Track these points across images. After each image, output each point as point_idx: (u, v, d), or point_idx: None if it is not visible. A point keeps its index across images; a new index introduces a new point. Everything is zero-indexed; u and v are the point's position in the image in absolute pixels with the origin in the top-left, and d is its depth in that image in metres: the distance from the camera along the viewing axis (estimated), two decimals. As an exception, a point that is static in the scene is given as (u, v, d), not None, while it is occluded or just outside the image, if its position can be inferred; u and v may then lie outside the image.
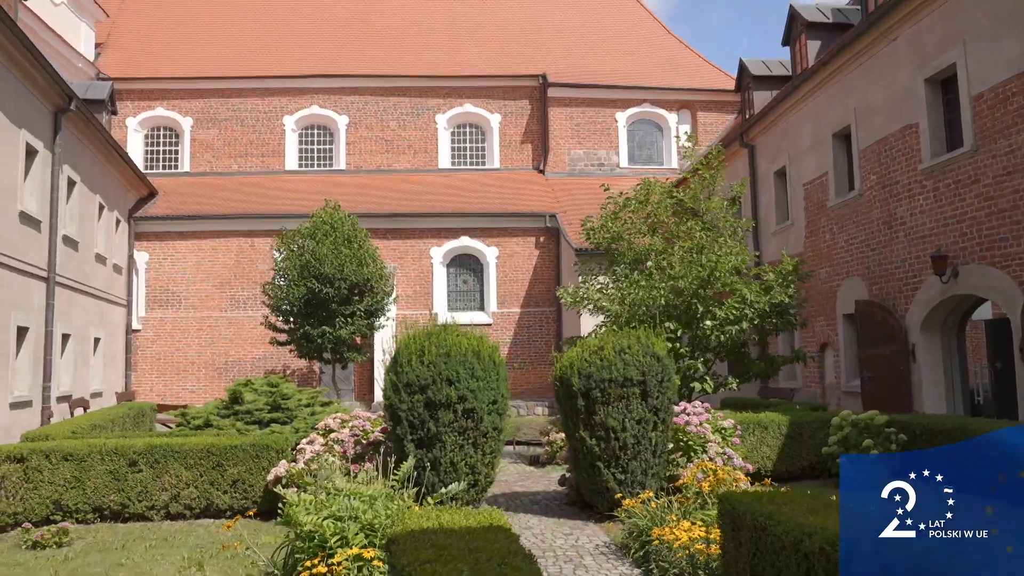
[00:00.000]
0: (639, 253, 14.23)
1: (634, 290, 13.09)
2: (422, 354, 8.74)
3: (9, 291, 15.49)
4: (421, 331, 9.20)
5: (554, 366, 9.49)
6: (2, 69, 14.99)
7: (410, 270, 25.54)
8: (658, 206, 14.57)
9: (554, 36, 31.17)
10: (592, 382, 8.88)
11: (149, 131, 28.71)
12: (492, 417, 8.80)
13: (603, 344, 9.11)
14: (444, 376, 8.57)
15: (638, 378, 8.86)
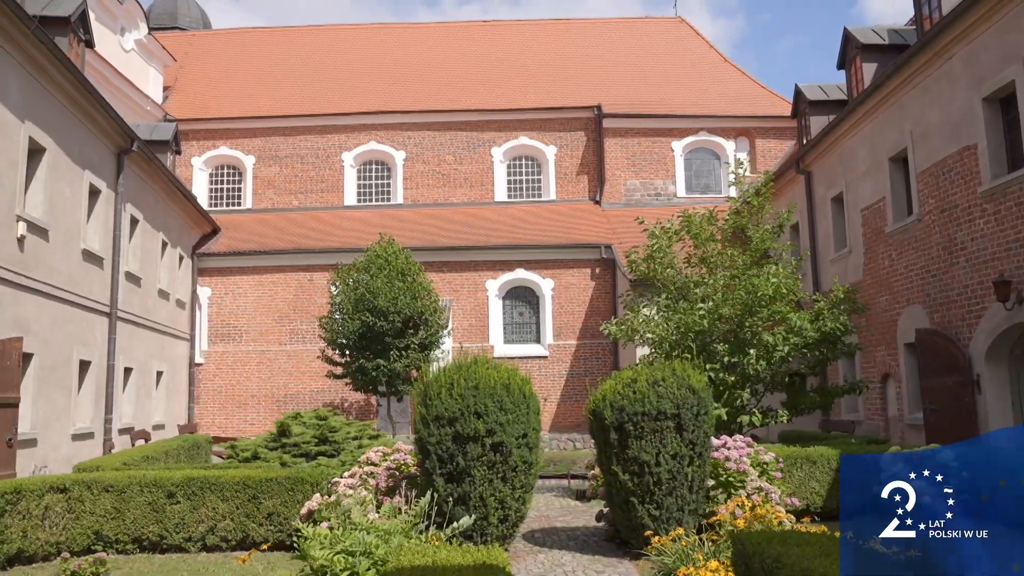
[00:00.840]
0: (682, 282, 13.97)
1: (677, 316, 12.82)
2: (451, 387, 8.65)
3: (72, 326, 16.00)
4: (452, 364, 9.11)
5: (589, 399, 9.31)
6: (67, 114, 15.61)
7: (466, 303, 25.57)
8: (700, 235, 14.31)
9: (609, 67, 31.17)
10: (625, 415, 8.65)
11: (214, 169, 29.56)
12: (522, 451, 8.63)
13: (637, 376, 8.89)
14: (472, 409, 8.45)
15: (672, 411, 8.60)
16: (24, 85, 13.87)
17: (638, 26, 34.12)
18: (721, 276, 13.56)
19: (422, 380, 9.21)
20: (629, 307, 14.89)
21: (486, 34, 34.22)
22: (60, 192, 15.36)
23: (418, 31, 35.03)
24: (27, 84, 13.97)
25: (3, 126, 13.17)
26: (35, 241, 14.32)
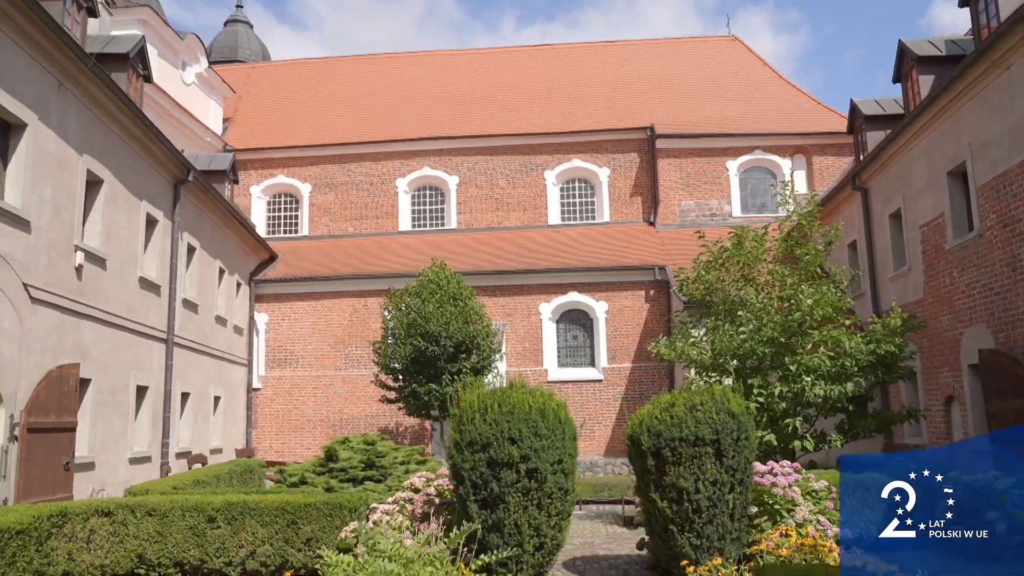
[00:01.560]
0: (732, 303, 13.66)
1: (722, 339, 12.51)
2: (485, 412, 8.55)
3: (129, 352, 16.39)
4: (486, 389, 9.02)
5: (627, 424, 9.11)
6: (124, 147, 16.09)
7: (519, 326, 25.48)
8: (750, 255, 13.99)
9: (661, 87, 30.99)
10: (662, 441, 8.44)
11: (272, 197, 30.18)
12: (557, 477, 8.47)
13: (674, 401, 8.67)
14: (506, 434, 8.34)
15: (711, 436, 8.35)
16: (83, 120, 14.34)
17: (691, 46, 33.89)
18: (763, 297, 13.21)
19: (458, 405, 9.13)
20: (678, 328, 14.64)
21: (538, 58, 34.36)
22: (117, 222, 15.80)
23: (471, 57, 35.38)
24: (86, 119, 14.45)
25: (62, 160, 13.61)
26: (93, 270, 14.74)
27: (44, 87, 13.04)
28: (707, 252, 14.51)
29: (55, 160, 13.37)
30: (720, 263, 14.21)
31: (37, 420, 12.52)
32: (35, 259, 12.77)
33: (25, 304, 12.50)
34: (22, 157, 12.51)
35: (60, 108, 13.53)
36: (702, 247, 14.72)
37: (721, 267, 14.17)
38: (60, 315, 13.56)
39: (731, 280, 14.16)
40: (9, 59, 12.04)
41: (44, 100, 13.04)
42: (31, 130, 12.62)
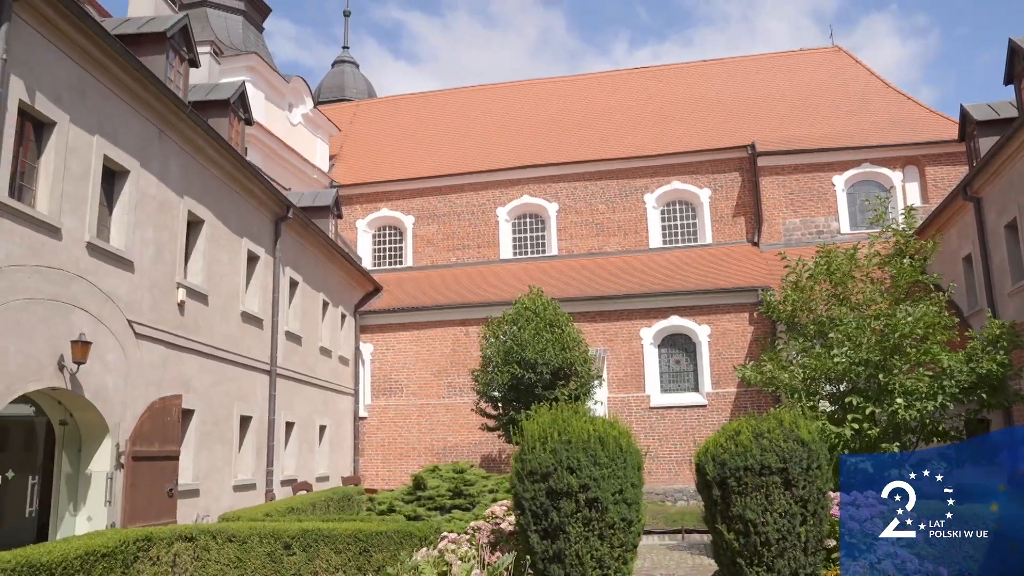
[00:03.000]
0: (822, 323, 13.04)
1: (813, 361, 11.94)
2: (544, 441, 8.44)
3: (233, 383, 17.10)
4: (548, 417, 8.90)
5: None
6: (224, 187, 16.91)
7: (620, 352, 25.16)
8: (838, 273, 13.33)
9: (762, 104, 30.23)
10: (727, 470, 8.10)
11: (377, 230, 31.03)
12: (619, 507, 8.24)
13: (740, 428, 8.33)
14: (565, 464, 8.20)
15: (778, 465, 7.95)
16: (183, 164, 15.17)
17: (793, 59, 32.93)
18: (855, 317, 12.55)
19: (521, 434, 9.05)
20: (767, 351, 14.10)
21: (636, 81, 34.16)
22: (218, 259, 16.58)
23: (569, 84, 35.49)
24: (186, 163, 15.28)
25: (164, 202, 14.43)
26: (195, 306, 15.49)
27: (145, 135, 13.87)
28: (793, 272, 13.95)
29: (157, 203, 14.17)
30: (808, 283, 13.62)
31: (141, 449, 13.20)
32: (138, 297, 13.53)
33: (129, 339, 13.24)
34: (125, 201, 13.33)
35: (161, 154, 14.36)
36: (786, 267, 14.17)
37: (810, 287, 13.57)
38: (164, 349, 14.29)
39: (821, 300, 13.54)
40: (112, 111, 12.89)
41: (146, 147, 13.87)
42: (133, 176, 13.44)
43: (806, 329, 13.48)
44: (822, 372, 11.99)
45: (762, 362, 13.71)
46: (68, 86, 11.79)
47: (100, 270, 12.47)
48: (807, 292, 13.56)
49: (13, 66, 10.58)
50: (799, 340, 13.38)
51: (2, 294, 10.33)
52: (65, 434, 12.64)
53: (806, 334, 13.39)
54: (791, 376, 12.27)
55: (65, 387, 11.54)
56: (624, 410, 24.53)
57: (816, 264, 13.84)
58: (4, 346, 10.35)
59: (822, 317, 13.10)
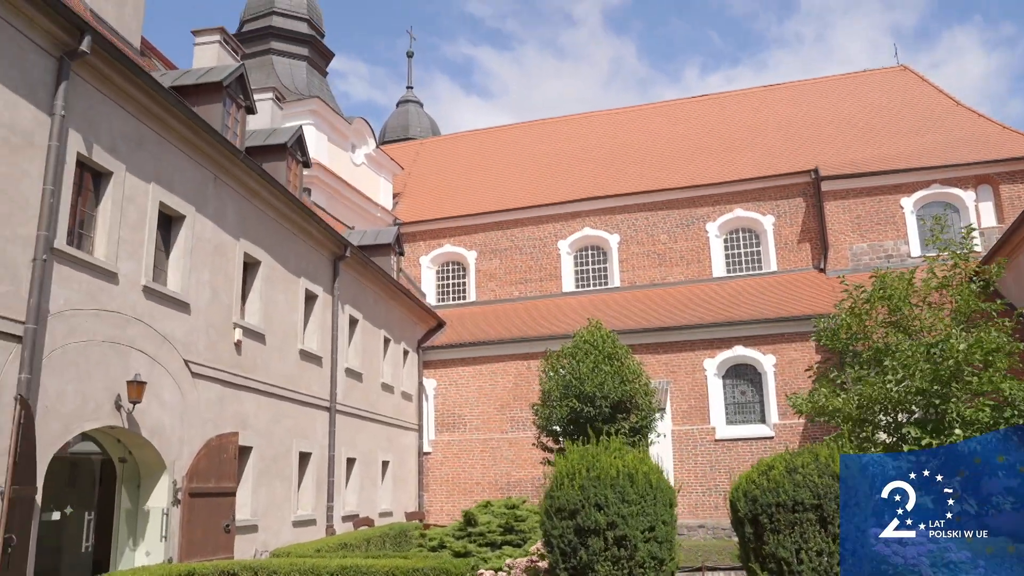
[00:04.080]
0: (878, 351, 12.58)
1: (867, 389, 11.50)
2: (572, 477, 8.35)
3: (291, 420, 17.42)
4: (577, 453, 8.81)
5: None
6: (281, 229, 17.38)
7: (684, 384, 24.77)
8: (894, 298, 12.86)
9: (825, 128, 29.66)
10: (758, 507, 7.86)
11: (440, 266, 31.39)
12: (649, 545, 8.07)
13: (774, 463, 8.08)
14: (592, 500, 8.09)
15: (811, 501, 7.67)
16: (239, 208, 15.67)
17: (856, 81, 32.24)
18: (913, 344, 12.07)
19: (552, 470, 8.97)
20: (819, 380, 13.68)
21: (695, 109, 33.95)
22: (275, 299, 17.00)
23: (626, 115, 35.47)
24: (242, 207, 15.78)
25: (219, 246, 14.91)
26: (252, 345, 15.89)
27: (201, 181, 14.40)
28: (849, 298, 13.52)
29: (212, 246, 14.66)
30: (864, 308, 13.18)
31: (198, 485, 13.53)
32: (195, 338, 13.96)
33: (186, 379, 13.65)
34: (181, 245, 13.83)
35: (216, 198, 14.87)
36: (842, 292, 13.75)
37: (865, 313, 13.13)
38: (220, 387, 14.68)
39: (877, 326, 13.08)
40: (168, 159, 13.43)
41: (201, 193, 14.39)
42: (189, 220, 13.95)
43: (862, 357, 13.03)
44: (876, 400, 11.54)
45: (815, 391, 13.28)
46: (124, 137, 12.34)
47: (156, 312, 12.92)
48: (863, 318, 13.12)
49: (71, 121, 11.15)
50: (854, 368, 12.94)
51: (61, 337, 10.79)
52: (125, 471, 13.06)
53: (861, 362, 12.95)
54: (844, 403, 11.83)
55: (122, 426, 11.95)
56: (689, 443, 24.09)
57: (872, 290, 13.41)
58: (62, 387, 10.79)
59: (879, 344, 12.65)
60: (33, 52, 10.58)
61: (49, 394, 10.53)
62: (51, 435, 10.56)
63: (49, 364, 10.53)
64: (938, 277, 13.29)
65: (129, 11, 16.82)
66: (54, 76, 10.89)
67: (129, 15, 16.80)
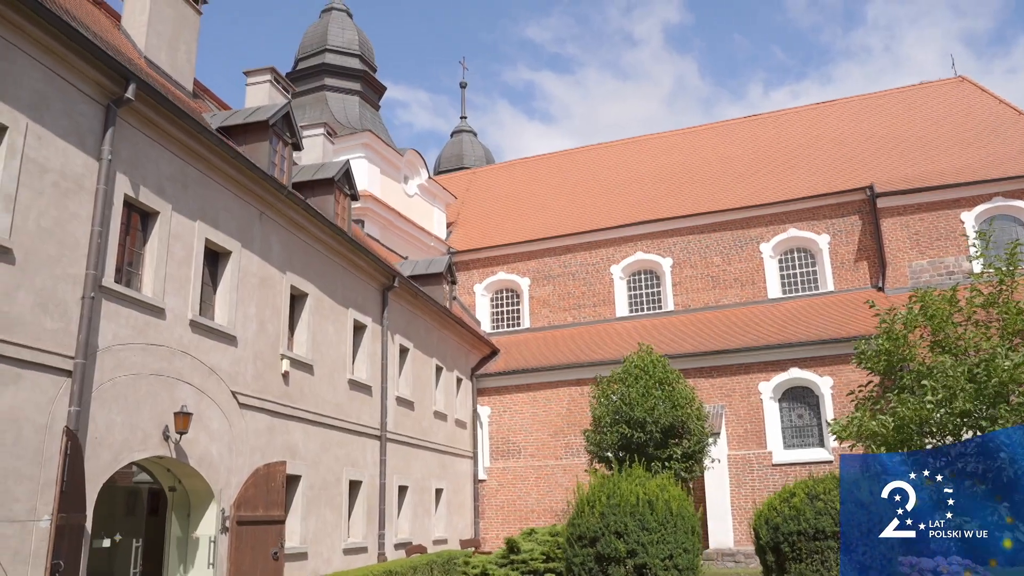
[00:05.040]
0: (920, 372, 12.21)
1: (904, 410, 11.17)
2: (593, 505, 8.35)
3: (341, 449, 17.71)
4: (599, 480, 8.80)
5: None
6: (328, 261, 17.80)
7: (739, 407, 24.39)
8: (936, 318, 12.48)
9: (881, 143, 29.07)
10: (779, 535, 7.75)
11: (494, 294, 31.62)
12: (669, 574, 8.01)
13: (795, 490, 7.95)
14: (612, 528, 8.08)
15: (833, 529, 7.53)
16: (285, 242, 16.12)
17: (912, 94, 31.52)
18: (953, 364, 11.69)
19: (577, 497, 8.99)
20: (859, 404, 13.33)
21: (747, 129, 33.62)
22: (323, 330, 17.37)
23: (677, 137, 35.31)
24: (288, 241, 16.23)
25: (265, 279, 15.35)
26: (300, 375, 16.26)
27: (246, 217, 14.88)
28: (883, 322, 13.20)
29: (259, 280, 15.10)
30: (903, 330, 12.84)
31: (246, 513, 13.86)
32: (242, 369, 14.36)
33: (233, 410, 14.05)
34: (228, 280, 14.29)
35: (262, 234, 15.34)
36: (876, 315, 13.42)
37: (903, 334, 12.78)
38: (268, 417, 15.04)
39: (918, 347, 12.72)
40: (213, 197, 13.94)
41: (247, 228, 14.87)
42: (235, 256, 14.41)
43: (902, 379, 12.69)
44: (914, 423, 11.20)
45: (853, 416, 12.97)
46: (170, 178, 12.87)
47: (203, 345, 13.35)
48: (902, 340, 12.78)
49: (119, 164, 11.70)
50: (894, 392, 12.60)
51: (110, 371, 11.25)
52: (175, 499, 13.47)
53: (902, 385, 12.61)
54: (879, 426, 11.52)
55: (170, 456, 12.35)
56: (745, 468, 23.68)
57: (908, 310, 13.06)
58: (111, 419, 11.23)
59: (921, 366, 12.31)
60: (82, 101, 11.16)
61: (99, 426, 10.97)
62: (101, 465, 10.99)
63: (99, 397, 10.98)
64: (984, 294, 12.87)
65: (182, 56, 17.56)
66: (102, 123, 11.45)
67: (182, 60, 17.53)
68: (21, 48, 10.23)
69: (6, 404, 9.56)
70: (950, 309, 12.72)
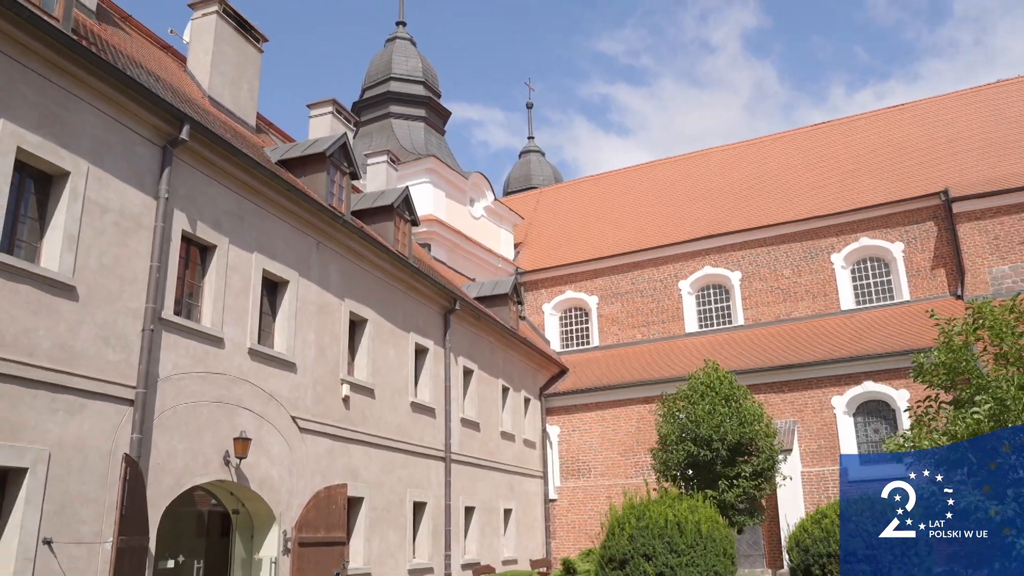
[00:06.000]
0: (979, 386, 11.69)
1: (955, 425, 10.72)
2: (623, 527, 8.35)
3: (404, 471, 18.02)
4: (629, 501, 8.79)
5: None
6: (387, 286, 18.19)
7: (811, 423, 23.79)
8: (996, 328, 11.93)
9: (955, 146, 28.05)
10: (810, 557, 7.60)
11: (563, 313, 31.68)
12: (701, 595, 7.94)
13: (827, 511, 7.78)
14: (641, 551, 8.06)
15: (864, 549, 7.33)
16: (343, 269, 16.58)
17: (986, 94, 30.24)
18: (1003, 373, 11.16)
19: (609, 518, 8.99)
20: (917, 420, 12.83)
21: (816, 137, 32.88)
22: (384, 354, 17.75)
23: (745, 148, 34.69)
24: (346, 268, 16.69)
25: (324, 306, 15.81)
26: (360, 399, 16.64)
27: (303, 247, 15.38)
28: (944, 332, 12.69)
29: (317, 307, 15.56)
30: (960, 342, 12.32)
31: (307, 535, 14.25)
32: (301, 394, 14.81)
33: (294, 434, 14.49)
34: (286, 308, 14.78)
35: (320, 263, 15.82)
36: (936, 324, 12.91)
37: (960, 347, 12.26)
38: (329, 441, 15.45)
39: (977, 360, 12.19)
40: (270, 229, 14.46)
41: (304, 258, 15.37)
42: (292, 285, 14.90)
43: (961, 393, 12.19)
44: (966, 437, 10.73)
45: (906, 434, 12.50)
46: (227, 212, 13.43)
47: (262, 372, 13.83)
48: (960, 353, 12.28)
49: (176, 201, 12.30)
50: (953, 406, 12.11)
51: (171, 399, 11.79)
52: (238, 522, 13.95)
53: (960, 399, 12.11)
54: (931, 443, 11.07)
55: (231, 480, 12.82)
56: (820, 485, 23.03)
57: (965, 321, 12.54)
58: (173, 445, 11.75)
59: (981, 379, 11.81)
60: (140, 144, 11.79)
61: (161, 452, 11.49)
62: (163, 489, 11.50)
63: (160, 424, 11.51)
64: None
65: (244, 93, 18.33)
66: (159, 163, 12.06)
67: (245, 97, 18.31)
68: (82, 98, 10.89)
69: (72, 432, 10.13)
70: (1012, 319, 12.18)
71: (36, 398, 9.71)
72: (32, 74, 10.24)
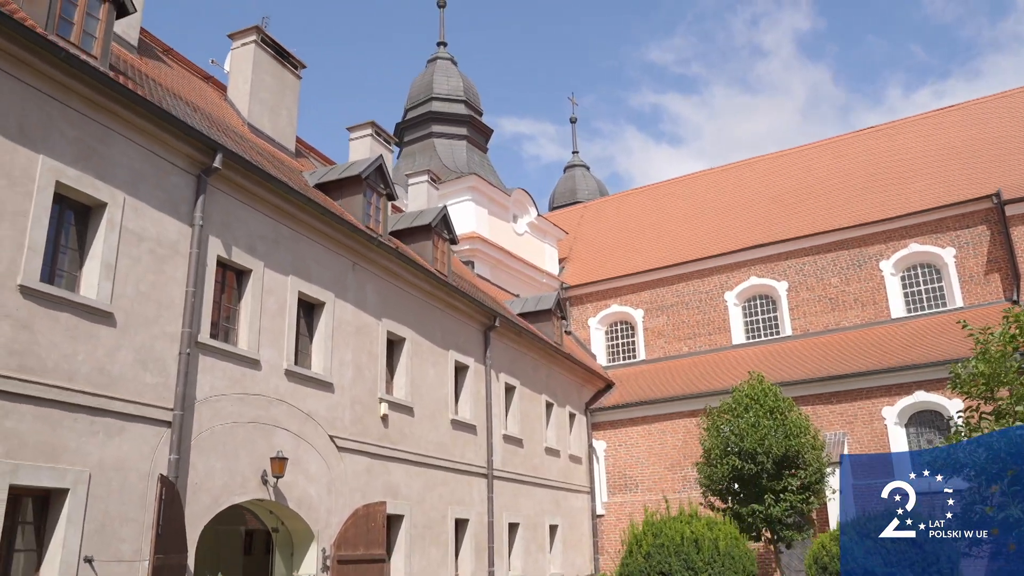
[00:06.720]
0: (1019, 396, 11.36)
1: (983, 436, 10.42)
2: (640, 544, 8.33)
3: (445, 488, 18.14)
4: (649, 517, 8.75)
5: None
6: (425, 305, 18.38)
7: (861, 434, 23.29)
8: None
9: (1006, 147, 27.27)
10: (828, 575, 7.46)
11: (608, 327, 31.58)
12: (719, 612, 7.87)
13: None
14: (657, 569, 8.03)
15: (882, 566, 7.20)
16: (380, 290, 16.83)
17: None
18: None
19: (631, 534, 8.97)
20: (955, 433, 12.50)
21: (862, 143, 32.31)
22: (423, 372, 17.93)
23: (790, 156, 34.26)
24: (383, 288, 16.93)
25: (361, 327, 16.06)
26: (399, 417, 16.82)
27: (339, 269, 15.67)
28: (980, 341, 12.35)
29: (354, 328, 15.82)
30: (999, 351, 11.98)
31: (346, 553, 14.45)
32: (339, 414, 15.05)
33: (332, 453, 14.73)
34: (322, 330, 15.05)
35: (356, 283, 16.09)
36: (970, 335, 12.58)
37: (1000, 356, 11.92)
38: (368, 460, 15.65)
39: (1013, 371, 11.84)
40: (305, 252, 14.78)
41: (340, 279, 15.65)
42: (329, 306, 15.19)
43: (1000, 404, 11.86)
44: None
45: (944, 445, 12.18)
46: (261, 236, 13.78)
47: (299, 393, 14.11)
48: (999, 363, 11.95)
49: (210, 228, 12.66)
50: (993, 418, 11.78)
51: (208, 420, 12.11)
52: (278, 539, 14.22)
53: (999, 410, 11.78)
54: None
55: (269, 498, 13.08)
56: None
57: (1003, 330, 12.19)
58: (211, 465, 12.06)
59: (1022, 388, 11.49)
60: (174, 173, 12.19)
61: (199, 472, 11.81)
62: (201, 508, 11.80)
63: (198, 445, 11.83)
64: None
65: (284, 119, 18.83)
66: (193, 191, 12.45)
67: (284, 122, 18.81)
68: (118, 131, 11.31)
69: (112, 454, 10.48)
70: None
71: (76, 421, 10.08)
72: (70, 111, 10.69)
